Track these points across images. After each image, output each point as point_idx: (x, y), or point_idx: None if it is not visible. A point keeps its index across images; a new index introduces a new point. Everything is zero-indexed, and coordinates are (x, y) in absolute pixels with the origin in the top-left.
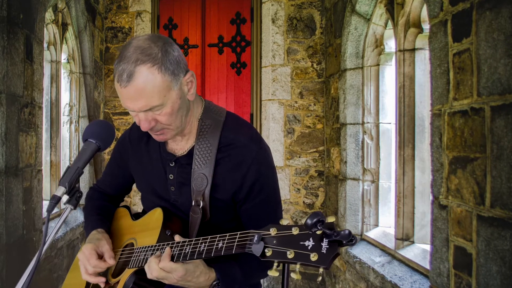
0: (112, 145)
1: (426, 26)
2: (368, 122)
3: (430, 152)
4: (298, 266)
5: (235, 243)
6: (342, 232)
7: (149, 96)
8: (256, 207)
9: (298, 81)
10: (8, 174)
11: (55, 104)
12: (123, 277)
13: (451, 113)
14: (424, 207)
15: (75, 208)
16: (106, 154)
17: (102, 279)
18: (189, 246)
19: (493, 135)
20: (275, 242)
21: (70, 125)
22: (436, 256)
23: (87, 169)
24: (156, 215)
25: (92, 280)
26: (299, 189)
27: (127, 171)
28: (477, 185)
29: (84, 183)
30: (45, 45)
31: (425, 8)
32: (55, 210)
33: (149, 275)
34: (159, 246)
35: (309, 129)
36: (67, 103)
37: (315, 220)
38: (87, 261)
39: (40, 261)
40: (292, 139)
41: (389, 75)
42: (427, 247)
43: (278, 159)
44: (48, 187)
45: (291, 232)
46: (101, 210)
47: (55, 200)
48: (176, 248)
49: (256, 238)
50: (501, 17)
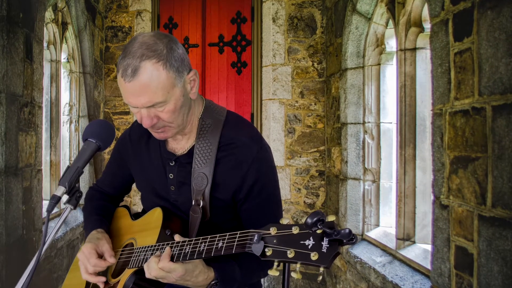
0: (112, 145)
1: (427, 25)
2: (369, 122)
3: (431, 151)
4: (298, 265)
5: (235, 243)
6: (343, 231)
7: (153, 92)
8: (257, 206)
9: (299, 81)
10: (8, 173)
11: (55, 103)
12: (123, 277)
13: (452, 112)
14: (425, 207)
15: (75, 208)
16: (106, 154)
17: (102, 279)
18: (189, 246)
19: (494, 134)
20: (275, 241)
21: (70, 125)
22: (437, 256)
23: (87, 169)
24: (155, 215)
25: (92, 279)
26: (299, 189)
27: (127, 170)
28: (478, 185)
29: (84, 182)
30: (45, 44)
31: (426, 7)
32: (55, 210)
33: (148, 274)
34: (159, 246)
35: (309, 128)
36: (67, 103)
37: (315, 219)
38: (87, 260)
39: (40, 261)
40: (292, 138)
41: (390, 74)
42: (428, 247)
43: (279, 158)
44: (48, 187)
45: (291, 231)
46: (100, 210)
47: (55, 200)
48: (176, 248)
49: (256, 238)
50: (502, 16)
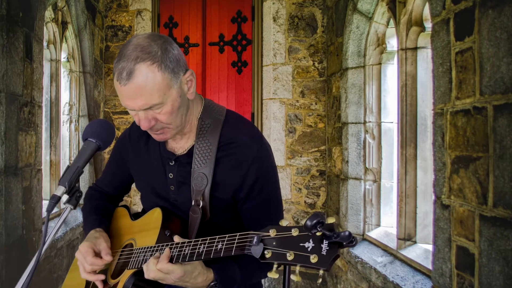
0: (112, 145)
1: (428, 25)
2: (370, 121)
3: (432, 151)
4: (298, 268)
5: (234, 245)
6: (342, 234)
7: (149, 94)
8: (257, 206)
9: (300, 80)
10: (8, 173)
11: (55, 103)
12: (123, 278)
13: (454, 112)
14: (426, 206)
15: (75, 207)
16: (106, 154)
17: (100, 277)
18: (188, 247)
19: (495, 134)
20: (274, 243)
21: (70, 124)
22: (438, 256)
23: (87, 169)
24: (155, 215)
25: (91, 278)
26: (300, 188)
27: (126, 170)
28: (479, 185)
29: (84, 182)
30: (44, 43)
31: (427, 6)
32: (55, 209)
33: (147, 275)
34: (158, 246)
35: (310, 128)
36: (67, 102)
37: (314, 221)
38: (84, 258)
39: (39, 261)
40: (293, 138)
41: (391, 74)
42: (429, 247)
43: (279, 158)
44: (47, 186)
45: (291, 234)
46: (100, 209)
47: (54, 200)
48: (175, 249)
49: (255, 240)
50: (503, 15)
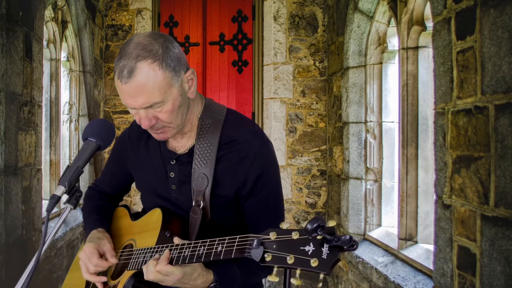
0: (112, 144)
1: (429, 24)
2: (371, 121)
3: (433, 151)
4: (298, 271)
5: (234, 248)
6: (343, 238)
7: (150, 92)
8: (259, 202)
9: (300, 80)
10: (7, 173)
11: (54, 102)
12: (122, 279)
13: (455, 111)
14: (427, 206)
15: (75, 207)
16: (106, 153)
17: (103, 279)
18: (188, 249)
19: (497, 134)
20: (274, 246)
21: (70, 124)
22: (439, 256)
23: (87, 168)
24: (155, 216)
25: (93, 279)
26: (301, 188)
27: (126, 170)
28: (481, 185)
29: (84, 182)
30: (44, 43)
31: (428, 5)
32: (55, 209)
33: (146, 277)
34: (158, 248)
35: (311, 128)
36: (66, 102)
37: (315, 225)
38: (88, 260)
39: (39, 261)
40: (294, 138)
41: (392, 73)
42: (431, 247)
43: (280, 158)
44: (47, 186)
45: (291, 237)
46: (100, 209)
47: (54, 200)
48: (175, 251)
49: (255, 243)
50: (505, 14)
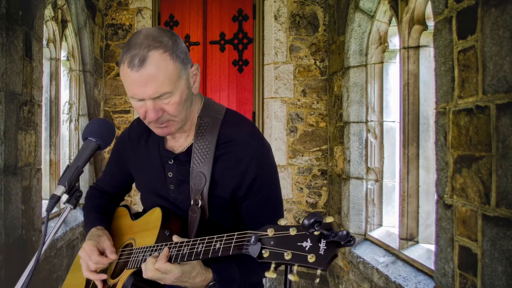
0: (112, 144)
1: (430, 23)
2: (372, 121)
3: (434, 150)
4: (296, 267)
5: (232, 244)
6: (340, 233)
7: (160, 82)
8: (256, 204)
9: (301, 79)
10: (7, 173)
11: (54, 102)
12: (122, 278)
13: (456, 111)
14: (428, 206)
15: (74, 207)
16: (106, 153)
17: (102, 276)
18: (186, 247)
19: (498, 133)
20: (272, 243)
21: (69, 124)
22: (440, 256)
23: (87, 168)
24: (155, 215)
25: (93, 277)
26: (302, 188)
27: (126, 170)
28: (482, 184)
29: (84, 182)
30: (44, 42)
31: (429, 4)
32: (55, 209)
33: (145, 275)
34: (157, 246)
35: (312, 127)
36: (66, 101)
37: (312, 220)
38: (88, 257)
39: (39, 261)
40: (294, 137)
41: (393, 72)
42: (432, 247)
43: (281, 158)
44: (47, 186)
45: (289, 233)
46: (100, 208)
47: (54, 200)
48: (174, 249)
49: (253, 239)
50: (506, 14)
